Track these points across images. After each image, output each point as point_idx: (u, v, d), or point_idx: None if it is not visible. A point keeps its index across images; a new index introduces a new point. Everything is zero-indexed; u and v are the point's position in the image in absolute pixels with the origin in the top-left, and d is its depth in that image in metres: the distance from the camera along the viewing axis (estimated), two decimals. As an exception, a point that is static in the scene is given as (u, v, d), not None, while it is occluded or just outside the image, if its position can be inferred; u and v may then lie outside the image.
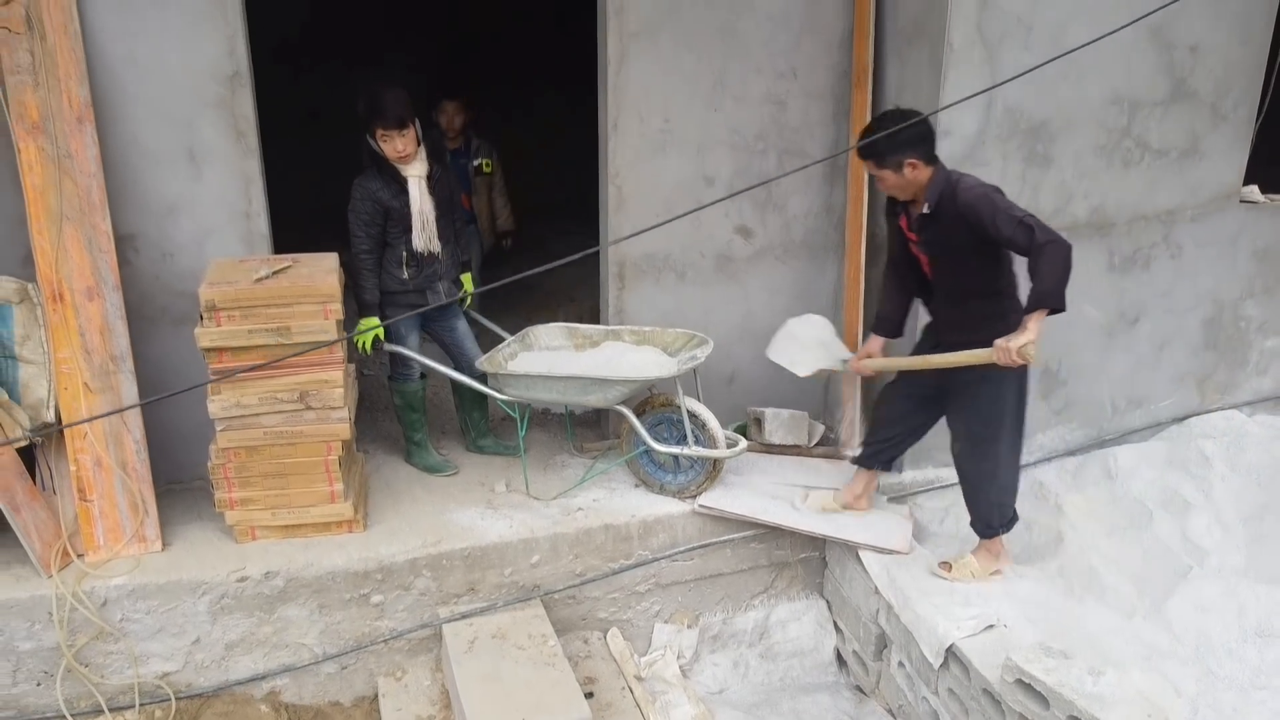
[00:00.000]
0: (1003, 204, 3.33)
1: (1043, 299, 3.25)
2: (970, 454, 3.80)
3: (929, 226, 3.53)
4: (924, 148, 3.45)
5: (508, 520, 4.11)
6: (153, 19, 3.69)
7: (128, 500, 3.78)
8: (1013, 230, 3.26)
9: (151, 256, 3.98)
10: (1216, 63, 4.31)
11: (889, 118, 3.48)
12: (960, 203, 3.38)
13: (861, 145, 3.47)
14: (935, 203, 3.45)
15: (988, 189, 3.41)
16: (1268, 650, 3.77)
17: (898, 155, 3.42)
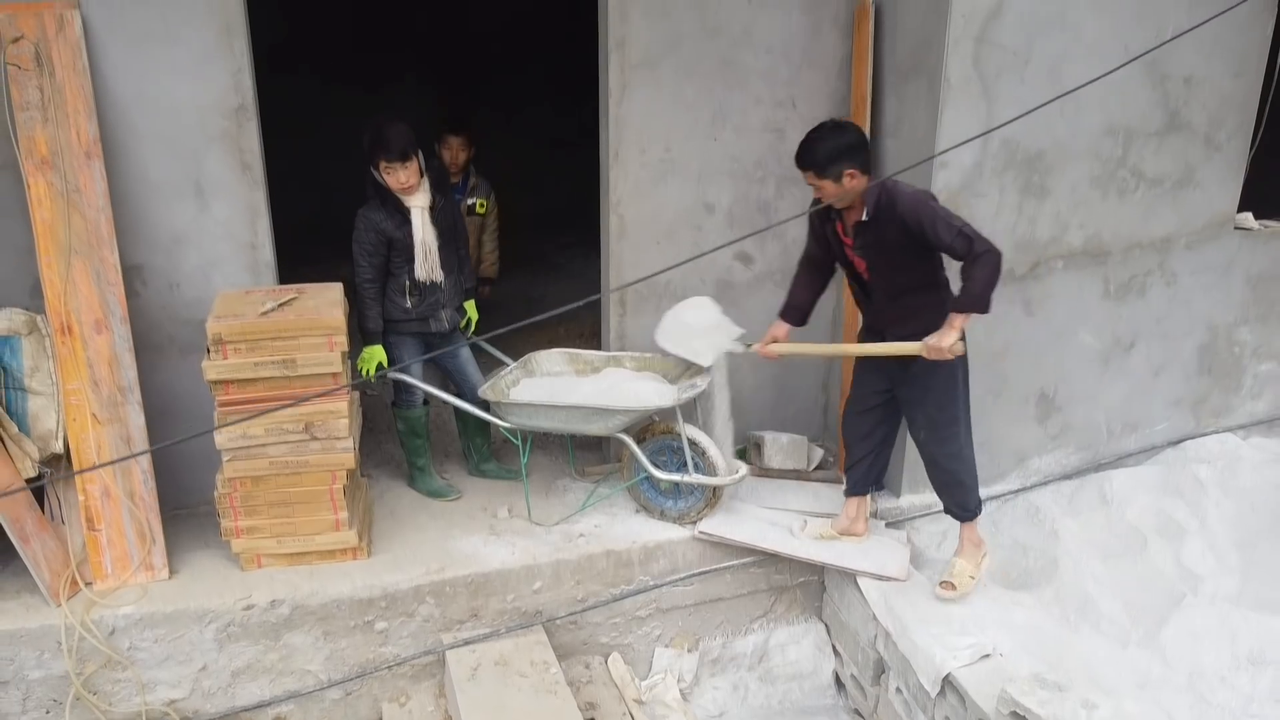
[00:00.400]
0: (941, 212, 3.48)
1: (973, 303, 3.46)
2: (934, 439, 3.93)
3: (866, 232, 3.66)
4: (861, 158, 3.57)
5: (510, 546, 4.16)
6: (161, 57, 3.75)
7: (135, 529, 3.83)
8: (952, 238, 3.43)
9: (159, 287, 4.03)
10: (1210, 95, 4.36)
11: (825, 130, 3.60)
12: (900, 209, 3.51)
13: (802, 156, 3.60)
14: (873, 209, 3.57)
15: (924, 196, 3.55)
16: (1260, 678, 3.82)
17: (838, 166, 3.53)
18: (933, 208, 3.49)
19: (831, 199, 3.64)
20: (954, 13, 3.89)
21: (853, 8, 4.44)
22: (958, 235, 3.41)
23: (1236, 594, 4.19)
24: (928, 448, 3.97)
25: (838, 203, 3.65)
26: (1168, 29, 4.07)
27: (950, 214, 3.48)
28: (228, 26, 3.78)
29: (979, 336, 4.40)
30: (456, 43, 9.22)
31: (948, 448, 3.91)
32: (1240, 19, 4.14)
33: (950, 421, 3.87)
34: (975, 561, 4.05)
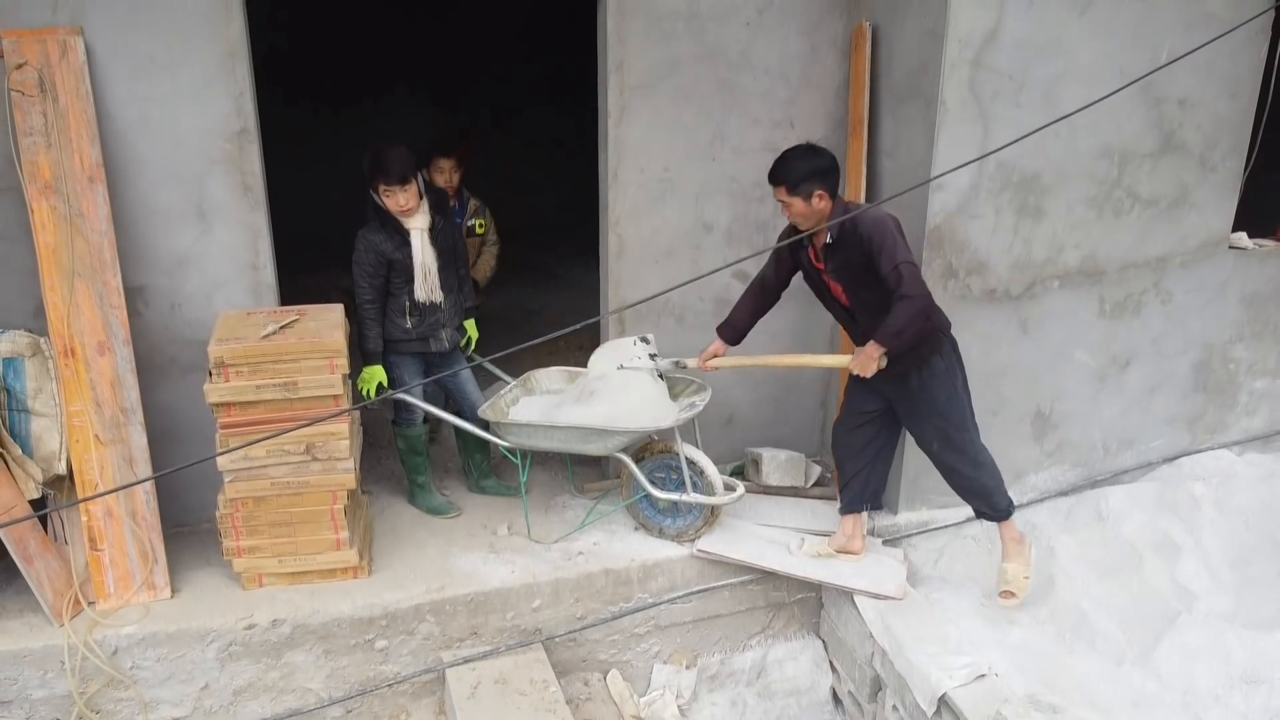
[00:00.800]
0: (890, 241, 3.55)
1: (886, 338, 3.61)
2: (949, 448, 3.96)
3: (834, 255, 3.75)
4: (832, 182, 3.68)
5: (510, 565, 4.19)
6: (163, 82, 3.78)
7: (138, 549, 3.86)
8: (888, 270, 3.54)
9: (161, 308, 4.06)
10: (1205, 116, 4.39)
11: (801, 150, 3.72)
12: (860, 230, 3.60)
13: (775, 172, 3.70)
14: (837, 231, 3.68)
15: (885, 218, 3.62)
16: (1254, 697, 3.85)
17: (809, 185, 3.64)
18: (884, 233, 3.56)
19: (797, 218, 3.75)
20: (950, 37, 3.93)
21: (850, 31, 4.48)
22: (893, 270, 3.52)
23: (1231, 612, 4.22)
24: (943, 458, 4.00)
25: (802, 223, 3.75)
26: (1163, 52, 4.11)
27: (900, 247, 3.56)
28: (230, 51, 3.81)
29: (975, 355, 4.44)
30: (447, 49, 9.23)
31: (966, 455, 3.96)
32: (1235, 42, 4.18)
33: (961, 427, 3.92)
34: (1024, 560, 4.07)
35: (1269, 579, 4.31)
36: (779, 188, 3.72)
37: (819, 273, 3.88)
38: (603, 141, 4.44)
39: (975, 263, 4.30)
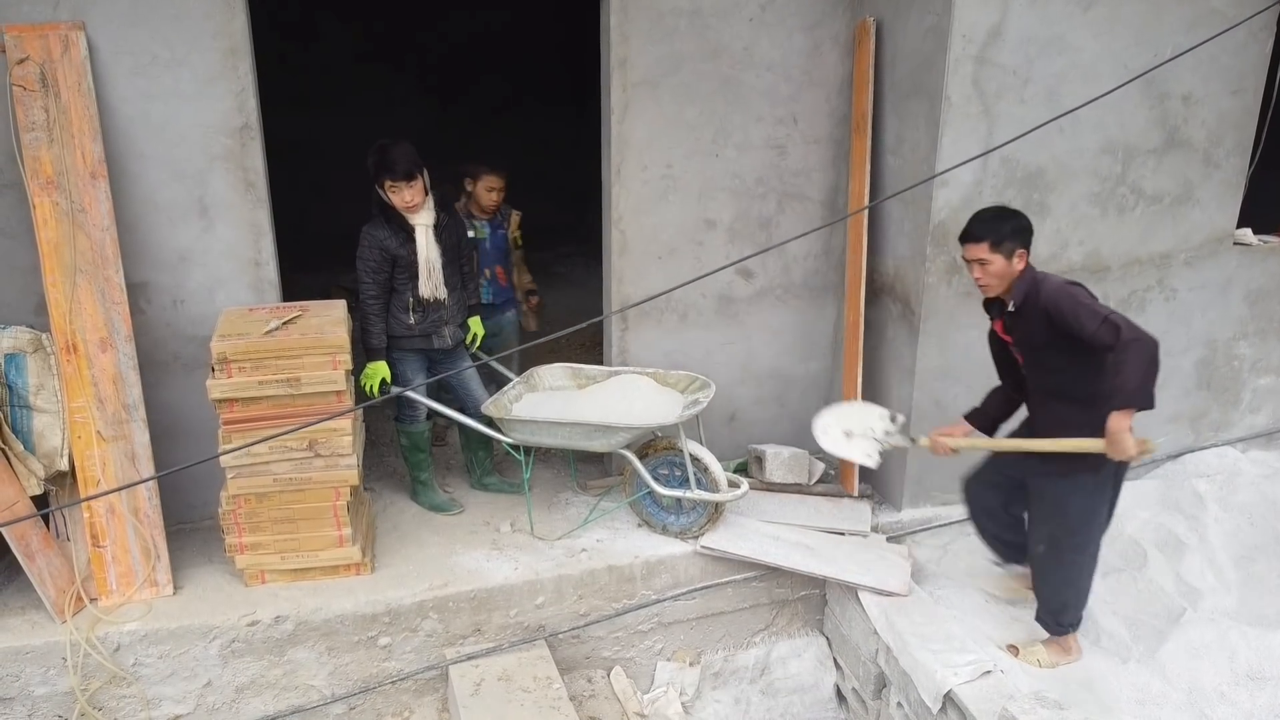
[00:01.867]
0: (1084, 299, 3.31)
1: (1130, 398, 3.17)
2: (1051, 558, 3.73)
3: (1018, 325, 3.54)
4: (1029, 240, 3.48)
5: (513, 562, 4.18)
6: (166, 78, 3.78)
7: (140, 546, 3.85)
8: (1096, 326, 3.22)
9: (163, 304, 4.06)
10: (1209, 113, 4.38)
11: (1000, 209, 3.54)
12: (1043, 298, 3.37)
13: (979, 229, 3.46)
14: (1020, 300, 3.46)
15: (1070, 286, 3.39)
16: (1260, 694, 3.83)
17: (1012, 243, 3.44)
18: (1074, 294, 3.32)
19: (991, 278, 3.51)
20: (954, 33, 3.92)
21: (853, 27, 4.47)
22: (1103, 323, 3.21)
23: (1235, 610, 4.21)
24: (1043, 560, 3.77)
25: (995, 285, 3.52)
26: (1167, 49, 4.10)
27: (1096, 302, 3.30)
28: (233, 48, 3.81)
29: (980, 351, 4.42)
30: (441, 46, 9.21)
31: (1064, 572, 3.72)
32: (1239, 38, 4.17)
33: (1076, 548, 3.67)
34: (1053, 659, 3.86)
35: (1273, 576, 4.30)
36: (979, 244, 3.46)
37: (1006, 346, 3.66)
38: (605, 138, 4.44)
39: (979, 259, 4.29)
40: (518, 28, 9.28)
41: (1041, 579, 3.83)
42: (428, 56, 9.38)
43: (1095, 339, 3.23)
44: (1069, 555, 3.69)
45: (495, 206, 4.92)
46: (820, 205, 4.74)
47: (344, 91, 8.84)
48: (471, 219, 4.87)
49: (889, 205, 4.47)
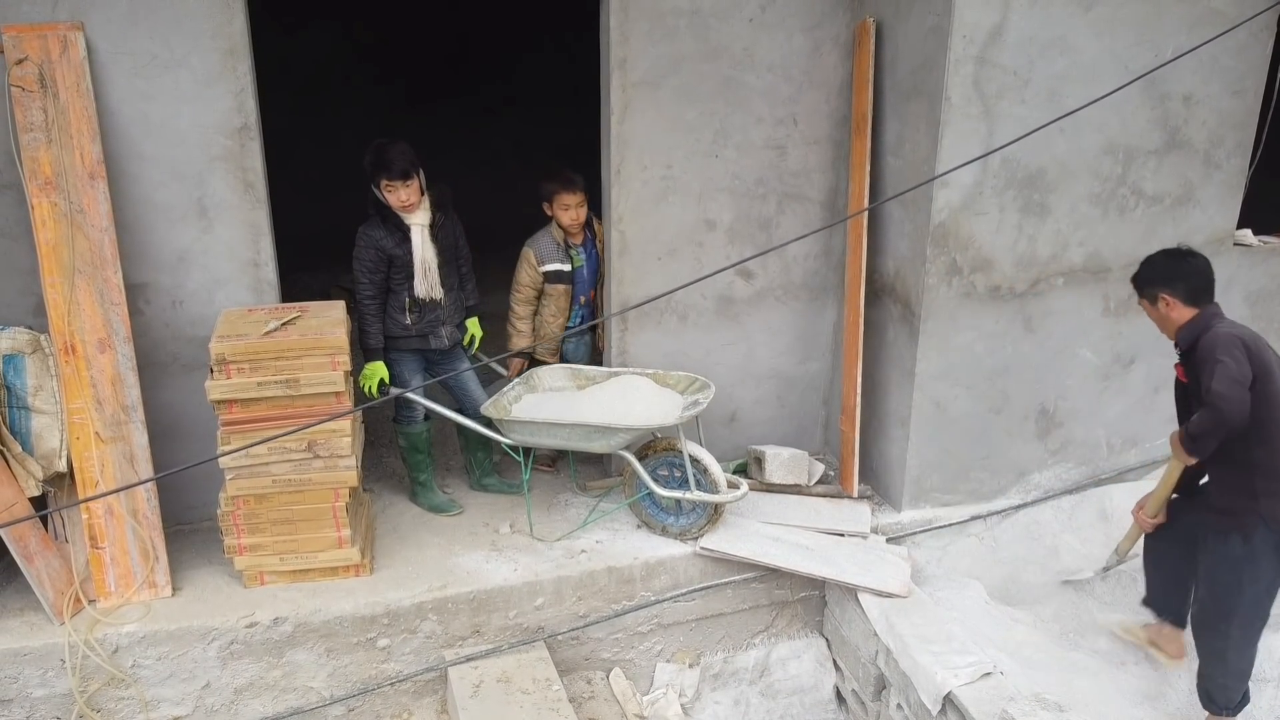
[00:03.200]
0: (1222, 355, 3.23)
1: (1183, 437, 3.39)
2: (1202, 623, 3.61)
3: (1186, 369, 3.51)
4: (1182, 287, 3.44)
5: (512, 563, 4.18)
6: (165, 79, 3.78)
7: (139, 547, 3.84)
8: (1208, 383, 3.22)
9: (162, 305, 4.06)
10: (1209, 113, 4.37)
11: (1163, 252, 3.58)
12: (1200, 345, 3.35)
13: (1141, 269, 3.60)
14: (1186, 345, 3.45)
15: (1226, 341, 3.29)
16: (1259, 696, 3.85)
17: (1154, 288, 3.47)
18: (1216, 353, 3.24)
19: (1155, 321, 3.59)
20: (955, 34, 3.91)
21: (853, 28, 4.47)
22: (1211, 375, 3.22)
23: (1234, 611, 4.21)
24: (1196, 628, 3.66)
25: (1160, 328, 3.58)
26: (1167, 50, 4.09)
27: (1230, 368, 3.20)
28: (232, 49, 3.81)
29: (980, 353, 4.44)
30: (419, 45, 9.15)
31: (1212, 643, 3.56)
32: (1239, 39, 4.16)
33: (1222, 615, 3.50)
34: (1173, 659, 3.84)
35: (1273, 577, 4.29)
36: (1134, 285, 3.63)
37: (1184, 387, 3.59)
38: (605, 139, 4.43)
39: (980, 260, 4.28)
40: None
41: (1197, 643, 3.68)
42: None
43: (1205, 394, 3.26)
44: (1217, 624, 3.53)
45: (580, 225, 4.65)
46: (820, 206, 4.73)
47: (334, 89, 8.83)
48: (568, 250, 4.67)
49: (889, 206, 4.46)
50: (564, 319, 4.78)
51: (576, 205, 4.59)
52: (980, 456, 4.61)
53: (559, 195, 4.59)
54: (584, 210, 4.63)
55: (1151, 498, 3.82)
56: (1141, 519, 3.84)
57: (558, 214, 4.63)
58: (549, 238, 4.67)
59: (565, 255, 4.68)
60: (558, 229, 4.66)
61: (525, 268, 4.67)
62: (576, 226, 4.64)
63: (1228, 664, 3.56)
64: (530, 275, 4.66)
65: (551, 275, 4.68)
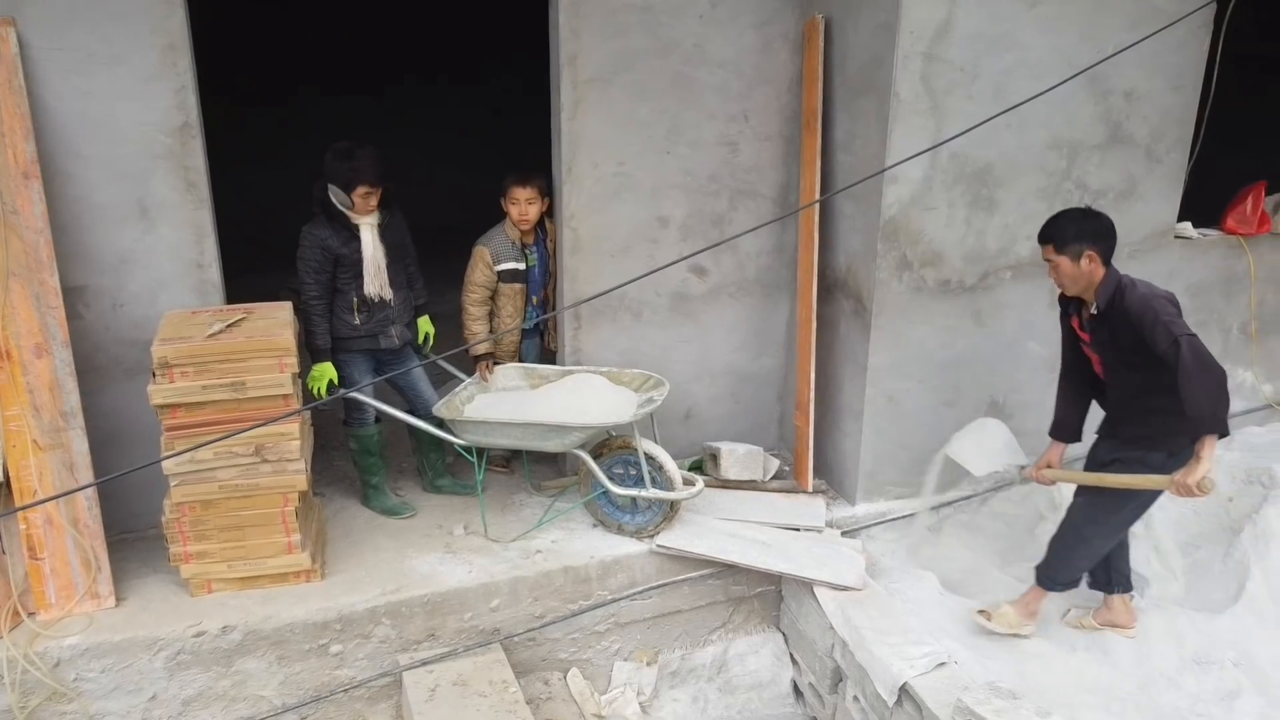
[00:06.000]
0: (1165, 315, 3.33)
1: (1197, 425, 3.26)
2: (1084, 511, 3.83)
3: (1099, 328, 3.59)
4: (1104, 245, 3.51)
5: (467, 565, 4.13)
6: (103, 76, 3.68)
7: (80, 557, 3.74)
8: (1165, 344, 3.27)
9: (102, 308, 3.95)
10: (1151, 109, 4.46)
11: (1075, 211, 3.60)
12: (1128, 303, 3.42)
13: (1046, 230, 3.58)
14: (1105, 304, 3.51)
15: (1155, 296, 3.42)
16: (1205, 678, 3.92)
17: (1079, 244, 3.49)
18: (1156, 309, 3.35)
19: (1064, 280, 3.60)
20: (903, 30, 3.94)
21: (803, 25, 4.48)
22: (1171, 343, 3.25)
23: (1181, 596, 4.31)
24: (1073, 514, 3.88)
25: (1069, 286, 3.60)
26: (1110, 46, 4.15)
27: (1175, 321, 3.32)
28: (171, 45, 3.72)
29: (932, 347, 4.48)
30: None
31: (1084, 530, 3.82)
32: (1179, 35, 4.24)
33: (1108, 511, 3.76)
34: (1021, 622, 3.98)
35: (1216, 563, 4.40)
36: (1047, 245, 3.58)
37: (1080, 342, 3.75)
38: (556, 136, 4.40)
39: (930, 254, 4.32)
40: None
41: (1064, 532, 3.90)
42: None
43: (1165, 357, 3.30)
44: (1101, 515, 3.77)
45: (529, 222, 4.59)
46: (772, 202, 4.74)
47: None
48: (523, 249, 4.62)
49: (840, 202, 4.49)
50: (520, 319, 4.74)
51: (525, 200, 4.54)
52: (933, 449, 4.63)
53: (511, 189, 4.55)
54: (534, 208, 4.56)
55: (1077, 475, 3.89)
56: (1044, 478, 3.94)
57: (507, 207, 4.59)
58: (503, 236, 4.62)
59: (521, 254, 4.64)
60: (512, 226, 4.61)
61: (480, 267, 4.61)
62: (525, 223, 4.59)
63: (1091, 550, 3.86)
64: (485, 274, 4.61)
65: (507, 274, 4.63)
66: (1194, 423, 3.26)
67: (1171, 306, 3.41)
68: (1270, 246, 5.08)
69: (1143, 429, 3.63)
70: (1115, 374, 3.69)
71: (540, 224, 4.69)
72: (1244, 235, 4.99)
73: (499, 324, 4.71)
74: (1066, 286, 3.63)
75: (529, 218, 4.57)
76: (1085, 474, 3.83)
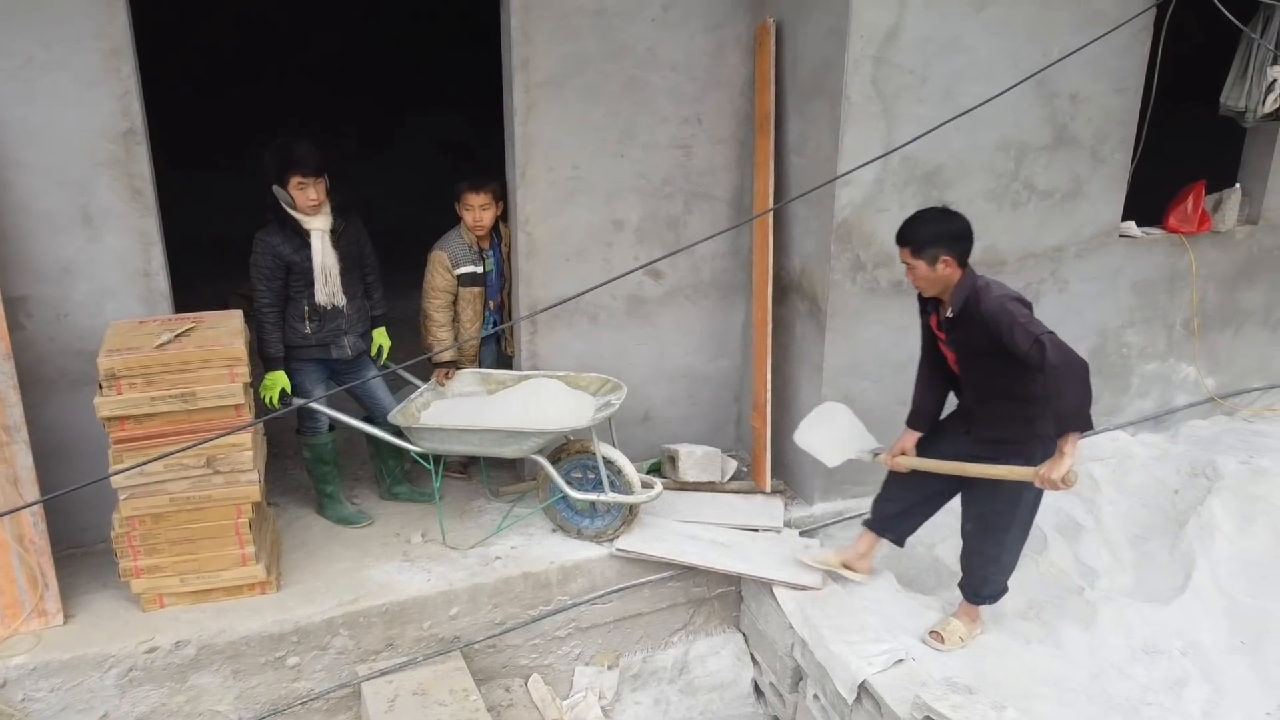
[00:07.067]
0: (1021, 317, 3.35)
1: (1065, 421, 3.29)
2: (979, 536, 3.87)
3: (955, 329, 3.60)
4: (960, 248, 3.50)
5: (425, 573, 4.10)
6: (43, 82, 3.61)
7: (25, 574, 3.66)
8: (1027, 345, 3.29)
9: (46, 318, 3.87)
10: (1095, 111, 4.55)
11: (933, 213, 3.57)
12: (983, 309, 3.43)
13: (903, 233, 3.55)
14: (960, 307, 3.51)
15: (1009, 299, 3.44)
16: (1155, 667, 4.01)
17: (934, 249, 3.47)
18: (1012, 312, 3.36)
19: (920, 283, 3.59)
20: (853, 34, 3.98)
21: (754, 28, 4.50)
22: (1033, 343, 3.26)
23: (1131, 588, 4.40)
24: (971, 539, 3.92)
25: (925, 288, 3.60)
26: (1055, 49, 4.23)
27: (1033, 321, 3.35)
28: (114, 49, 3.65)
29: (885, 347, 4.53)
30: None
31: (989, 550, 3.87)
32: (1121, 40, 4.32)
33: (1001, 528, 3.79)
34: (970, 629, 4.01)
35: (1164, 554, 4.49)
36: (904, 248, 3.55)
37: (938, 341, 3.77)
38: (509, 140, 4.38)
39: (883, 255, 4.37)
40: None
41: (968, 555, 3.96)
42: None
43: (1027, 358, 3.32)
44: (995, 534, 3.82)
45: (484, 227, 4.55)
46: (727, 205, 4.76)
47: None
48: (480, 252, 4.60)
49: (794, 205, 4.52)
50: (480, 324, 4.71)
51: (480, 206, 4.50)
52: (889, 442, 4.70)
53: (465, 194, 4.51)
54: (489, 213, 4.53)
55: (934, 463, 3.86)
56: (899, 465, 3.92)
57: (462, 213, 4.56)
58: (459, 240, 4.59)
59: (478, 257, 4.61)
60: (467, 231, 4.59)
61: (439, 271, 4.56)
62: (480, 229, 4.56)
63: (1002, 564, 3.91)
64: (444, 279, 4.56)
65: (466, 278, 4.60)
66: (1062, 419, 3.29)
67: (1024, 308, 3.44)
68: (1210, 244, 5.20)
69: (999, 431, 3.64)
70: (970, 373, 3.72)
71: (495, 228, 4.67)
72: (1185, 234, 5.11)
73: (460, 328, 4.67)
74: (923, 288, 3.63)
75: (484, 223, 4.54)
76: (943, 463, 3.80)
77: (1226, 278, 5.31)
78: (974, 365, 3.65)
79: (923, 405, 3.94)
